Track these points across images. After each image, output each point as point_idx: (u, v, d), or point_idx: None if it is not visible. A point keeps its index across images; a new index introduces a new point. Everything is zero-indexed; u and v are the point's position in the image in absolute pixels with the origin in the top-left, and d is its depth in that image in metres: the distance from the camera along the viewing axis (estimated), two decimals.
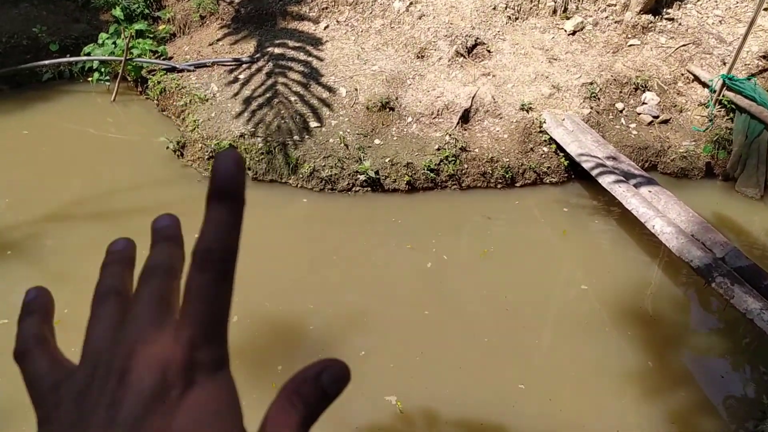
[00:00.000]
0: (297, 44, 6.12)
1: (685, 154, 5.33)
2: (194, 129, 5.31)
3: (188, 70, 5.98)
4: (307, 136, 5.22)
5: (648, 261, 4.48)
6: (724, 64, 5.71)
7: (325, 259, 4.41)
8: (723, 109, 5.50)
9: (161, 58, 6.24)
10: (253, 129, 5.23)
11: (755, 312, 3.36)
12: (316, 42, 6.15)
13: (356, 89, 5.58)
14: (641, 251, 4.54)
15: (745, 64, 5.76)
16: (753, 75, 5.63)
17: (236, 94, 5.60)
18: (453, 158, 5.14)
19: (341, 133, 5.25)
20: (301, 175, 5.05)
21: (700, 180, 5.39)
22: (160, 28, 6.71)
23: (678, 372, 3.66)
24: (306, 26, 6.38)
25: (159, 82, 5.95)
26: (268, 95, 5.55)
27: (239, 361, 3.57)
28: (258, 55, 6.03)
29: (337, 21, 6.38)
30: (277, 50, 6.06)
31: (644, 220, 4.21)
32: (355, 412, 3.35)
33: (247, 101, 5.51)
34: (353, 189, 5.08)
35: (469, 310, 4.06)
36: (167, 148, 5.31)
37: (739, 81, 5.35)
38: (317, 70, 5.80)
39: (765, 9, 6.04)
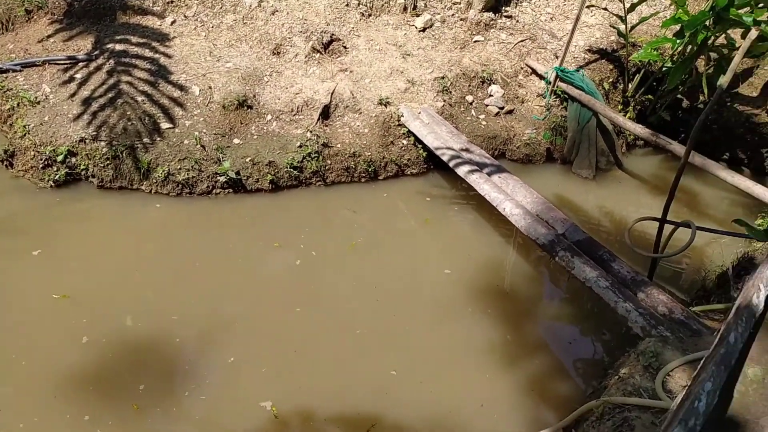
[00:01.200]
0: (141, 40, 5.71)
1: (528, 142, 5.79)
2: (24, 135, 4.76)
3: (14, 71, 5.34)
4: (158, 138, 4.91)
5: (503, 242, 4.81)
6: (557, 57, 6.27)
7: (188, 267, 4.18)
8: (558, 99, 6.05)
9: None
10: (95, 132, 4.81)
11: (593, 280, 3.74)
12: (163, 38, 5.79)
13: (210, 87, 5.34)
14: (497, 233, 4.86)
15: (574, 57, 6.38)
16: (581, 67, 6.25)
17: (73, 95, 5.11)
18: (316, 155, 5.12)
19: (197, 133, 5.00)
20: (154, 180, 4.74)
21: (543, 164, 5.88)
22: None
23: (533, 342, 3.97)
24: (150, 21, 5.98)
25: None
26: (110, 95, 5.12)
27: (94, 387, 3.29)
28: (97, 53, 5.54)
29: (185, 16, 6.05)
30: (118, 47, 5.61)
31: (496, 204, 4.51)
32: (227, 424, 3.23)
33: (87, 102, 5.04)
34: (214, 191, 4.87)
35: (340, 304, 4.08)
36: None
37: (569, 72, 5.91)
38: (166, 67, 5.47)
39: (588, 6, 6.73)
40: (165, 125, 5.01)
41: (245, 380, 3.47)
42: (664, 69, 5.89)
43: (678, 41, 5.48)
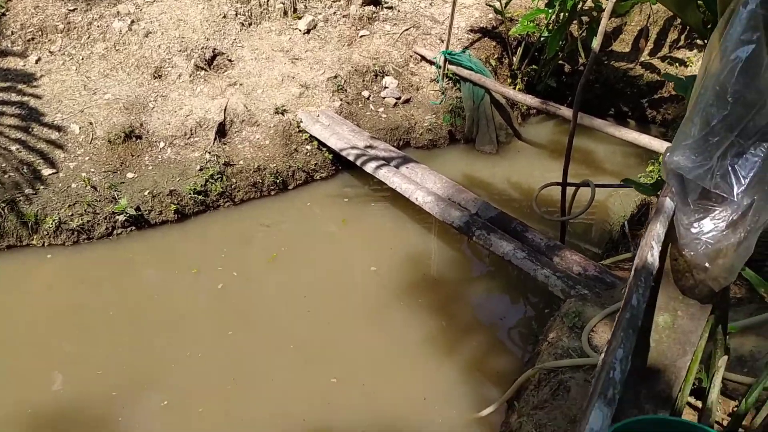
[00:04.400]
0: (4, 84, 5.25)
1: (430, 127, 5.88)
2: None
3: None
4: (41, 187, 4.54)
5: (423, 231, 4.86)
6: (442, 41, 6.39)
7: (101, 317, 3.91)
8: (450, 82, 6.17)
9: None
10: None
11: (511, 253, 3.84)
12: (29, 78, 5.36)
13: (91, 123, 5.01)
14: (415, 223, 4.90)
15: (458, 39, 6.53)
16: (466, 48, 6.40)
17: None
18: (219, 175, 4.94)
19: (84, 174, 4.67)
20: (45, 232, 4.38)
21: (447, 147, 6.00)
22: None
23: (467, 324, 4.03)
24: (11, 62, 5.50)
25: None
26: None
27: None
28: None
29: (50, 51, 5.63)
30: None
31: (407, 195, 4.54)
32: None
33: None
34: (114, 232, 4.58)
35: (271, 320, 3.97)
36: None
37: (456, 54, 6.04)
38: (37, 109, 5.06)
39: None
40: (47, 171, 4.64)
41: (180, 423, 3.29)
42: (542, 39, 6.15)
43: (550, 11, 5.74)
